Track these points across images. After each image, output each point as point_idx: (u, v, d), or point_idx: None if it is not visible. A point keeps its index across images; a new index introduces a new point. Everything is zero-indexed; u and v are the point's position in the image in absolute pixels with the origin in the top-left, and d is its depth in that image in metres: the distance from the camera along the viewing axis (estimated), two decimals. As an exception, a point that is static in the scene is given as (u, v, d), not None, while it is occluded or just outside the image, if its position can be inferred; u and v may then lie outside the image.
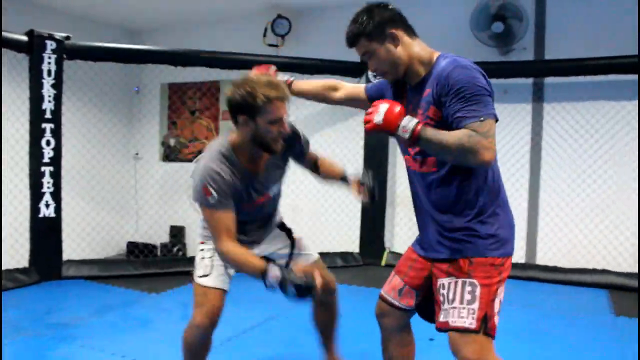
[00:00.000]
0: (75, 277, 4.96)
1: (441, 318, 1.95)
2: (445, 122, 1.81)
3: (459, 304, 1.88)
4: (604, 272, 4.92)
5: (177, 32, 6.69)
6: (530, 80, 5.36)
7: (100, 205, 6.39)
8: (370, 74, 5.50)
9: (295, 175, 5.89)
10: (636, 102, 4.89)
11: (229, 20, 6.40)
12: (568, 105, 5.21)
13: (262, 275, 2.06)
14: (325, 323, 2.72)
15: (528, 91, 5.39)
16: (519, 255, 5.36)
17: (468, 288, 1.88)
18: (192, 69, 5.73)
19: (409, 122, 1.79)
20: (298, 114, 6.01)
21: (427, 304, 2.14)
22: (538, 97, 5.35)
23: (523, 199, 5.41)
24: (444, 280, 1.96)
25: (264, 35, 6.01)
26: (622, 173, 5.05)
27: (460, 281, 1.90)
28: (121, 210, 6.70)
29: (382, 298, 2.25)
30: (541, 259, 5.35)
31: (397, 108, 1.82)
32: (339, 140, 5.96)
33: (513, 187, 5.34)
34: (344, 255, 5.65)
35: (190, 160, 6.23)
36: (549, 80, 5.29)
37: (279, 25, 5.98)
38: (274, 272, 2.04)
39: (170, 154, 6.86)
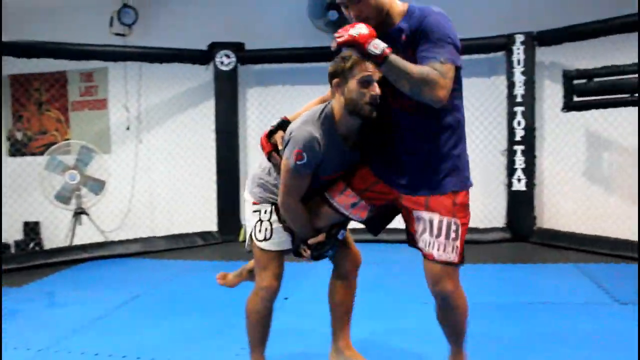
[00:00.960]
0: None
1: (425, 248, 2.11)
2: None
3: (445, 239, 2.06)
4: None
5: (18, 22, 6.49)
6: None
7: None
8: (218, 60, 5.78)
9: (150, 160, 6.12)
10: (465, 79, 5.57)
11: (73, 9, 6.29)
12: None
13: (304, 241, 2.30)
14: (344, 301, 2.56)
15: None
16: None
17: (453, 227, 2.07)
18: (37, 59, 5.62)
19: (380, 43, 1.87)
20: (148, 102, 6.15)
21: (377, 218, 2.34)
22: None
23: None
24: (422, 214, 2.11)
25: (110, 25, 6.04)
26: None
27: (445, 219, 2.07)
28: (-32, 209, 6.42)
29: (328, 204, 2.31)
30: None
31: (371, 29, 1.89)
32: (191, 126, 6.17)
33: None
34: (203, 235, 5.90)
35: (41, 154, 6.11)
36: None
37: (125, 15, 6.05)
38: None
39: (19, 148, 6.66)
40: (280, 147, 2.28)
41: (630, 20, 4.68)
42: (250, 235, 2.38)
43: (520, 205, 5.36)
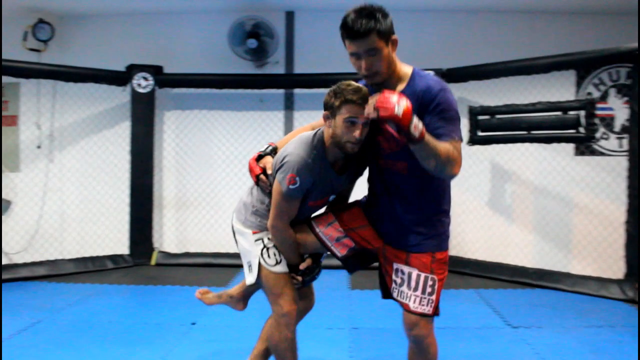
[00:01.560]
0: None
1: (399, 298, 2.25)
2: None
3: (421, 294, 2.20)
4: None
5: None
6: (282, 91, 6.05)
7: None
8: (135, 82, 5.73)
9: (61, 181, 5.95)
10: None
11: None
12: (314, 113, 5.95)
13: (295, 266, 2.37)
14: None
15: (281, 100, 6.07)
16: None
17: (430, 282, 2.20)
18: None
19: (419, 123, 1.89)
20: (62, 121, 5.99)
21: (354, 258, 2.44)
22: (289, 105, 6.06)
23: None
24: (402, 267, 2.25)
25: (24, 39, 5.86)
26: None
27: (423, 276, 2.20)
28: None
29: (314, 233, 2.40)
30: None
31: (410, 104, 1.87)
32: (105, 147, 6.05)
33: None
34: (114, 258, 5.77)
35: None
36: (298, 91, 6.02)
37: (40, 30, 5.88)
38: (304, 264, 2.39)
39: None
40: (269, 172, 2.35)
41: (526, 65, 5.08)
42: (259, 265, 2.36)
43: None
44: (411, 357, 2.35)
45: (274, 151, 2.41)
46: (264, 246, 2.37)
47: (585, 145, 5.30)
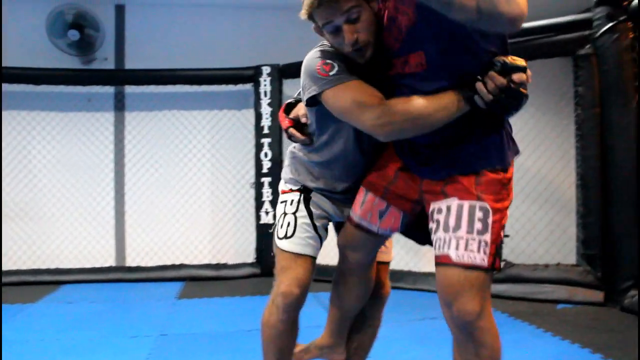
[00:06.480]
0: None
1: (438, 250, 1.53)
2: None
3: (467, 234, 1.47)
4: (181, 266, 5.32)
5: None
6: (112, 90, 5.55)
7: None
8: None
9: None
10: (217, 110, 5.52)
11: None
12: (150, 114, 5.52)
13: (467, 98, 1.48)
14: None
15: (110, 100, 5.56)
16: (109, 260, 5.44)
17: (479, 214, 1.48)
18: None
19: None
20: None
21: (415, 227, 1.77)
22: (120, 105, 5.56)
23: (110, 206, 5.51)
24: (439, 204, 1.55)
25: None
26: (195, 177, 5.57)
27: (467, 204, 1.49)
28: None
29: (354, 224, 1.80)
30: (132, 261, 5.48)
31: None
32: None
33: (99, 195, 5.46)
34: None
35: None
36: (130, 90, 5.55)
37: None
38: (480, 85, 1.46)
39: None
40: (303, 120, 1.86)
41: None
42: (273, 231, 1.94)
43: (270, 238, 5.26)
44: (457, 357, 1.59)
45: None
46: (283, 212, 1.91)
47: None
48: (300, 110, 1.90)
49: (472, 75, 1.43)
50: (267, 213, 5.23)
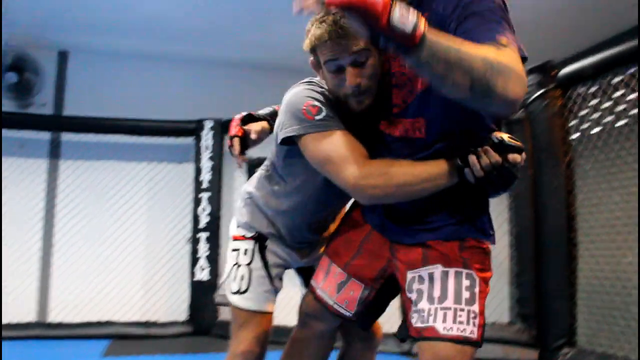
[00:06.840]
0: None
1: (418, 323, 1.41)
2: None
3: (454, 304, 1.37)
4: (108, 323, 5.03)
5: None
6: (47, 137, 5.37)
7: None
8: None
9: None
10: (157, 163, 5.41)
11: None
12: (85, 163, 5.35)
13: (458, 169, 1.39)
14: None
15: (45, 147, 5.37)
16: (30, 314, 5.10)
17: (465, 282, 1.38)
18: None
19: (410, 13, 1.09)
20: None
21: (370, 307, 1.64)
22: (55, 153, 5.37)
23: (36, 257, 5.22)
24: (420, 272, 1.44)
25: None
26: (129, 230, 5.37)
27: (452, 271, 1.40)
28: None
29: (314, 294, 1.67)
30: (55, 317, 5.15)
31: None
32: None
33: (25, 245, 5.17)
34: None
35: None
36: (66, 137, 5.39)
37: None
38: (473, 159, 1.37)
39: None
40: (253, 136, 1.73)
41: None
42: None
43: (204, 295, 5.08)
44: None
45: (273, 117, 1.73)
46: (236, 262, 1.78)
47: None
48: (256, 126, 1.80)
49: (465, 147, 1.39)
50: (202, 269, 5.07)
